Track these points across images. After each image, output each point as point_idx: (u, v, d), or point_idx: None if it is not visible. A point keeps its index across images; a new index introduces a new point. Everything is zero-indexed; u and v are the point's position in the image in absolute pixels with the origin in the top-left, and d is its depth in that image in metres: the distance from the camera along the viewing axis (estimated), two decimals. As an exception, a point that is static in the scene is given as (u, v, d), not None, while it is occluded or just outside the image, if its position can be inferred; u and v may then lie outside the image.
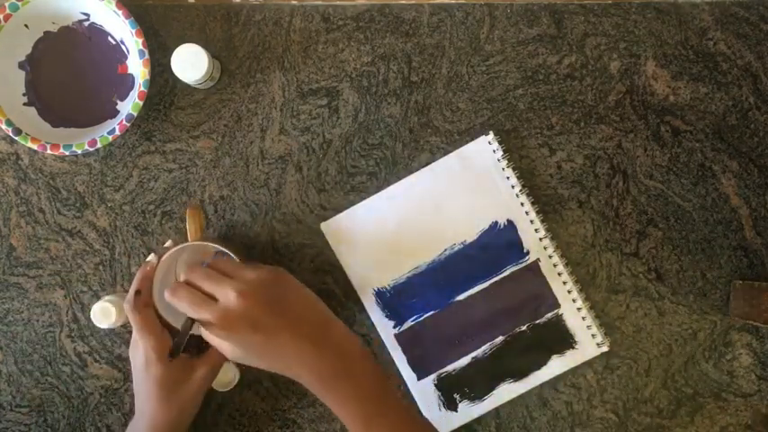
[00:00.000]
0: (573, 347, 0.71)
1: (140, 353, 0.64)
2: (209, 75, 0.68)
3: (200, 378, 0.65)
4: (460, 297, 0.72)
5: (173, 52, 0.67)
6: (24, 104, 0.71)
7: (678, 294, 0.72)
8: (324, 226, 0.72)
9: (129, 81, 0.72)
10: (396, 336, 0.72)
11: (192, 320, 0.62)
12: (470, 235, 0.72)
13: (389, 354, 0.72)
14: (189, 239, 0.64)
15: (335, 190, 0.72)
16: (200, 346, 0.66)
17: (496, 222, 0.71)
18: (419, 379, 0.72)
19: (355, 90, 0.72)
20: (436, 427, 0.72)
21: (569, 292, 0.71)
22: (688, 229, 0.72)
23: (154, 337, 0.63)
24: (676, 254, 0.72)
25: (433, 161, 0.71)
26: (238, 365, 0.71)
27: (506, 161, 0.71)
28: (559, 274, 0.71)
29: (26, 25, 0.69)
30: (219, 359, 0.66)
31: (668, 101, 0.72)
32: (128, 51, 0.71)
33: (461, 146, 0.71)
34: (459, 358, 0.72)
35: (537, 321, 0.72)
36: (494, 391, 0.72)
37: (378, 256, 0.72)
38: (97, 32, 0.71)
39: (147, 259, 0.66)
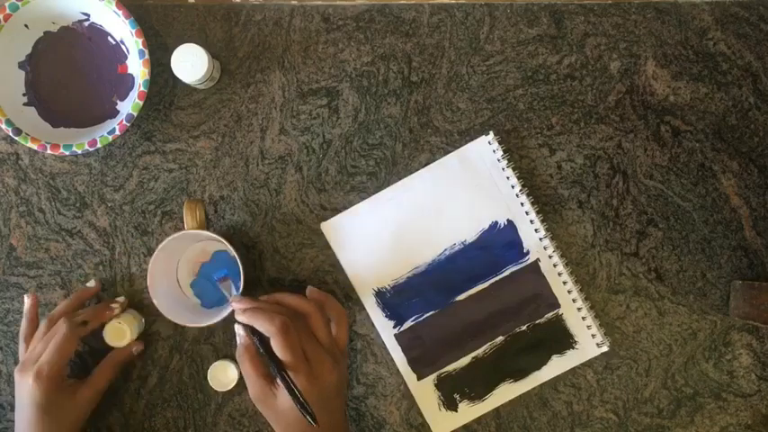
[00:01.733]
0: (573, 347, 0.71)
1: (28, 379, 0.64)
2: (209, 75, 0.68)
3: (85, 401, 0.67)
4: (460, 297, 0.72)
5: (173, 52, 0.67)
6: (24, 104, 0.71)
7: (678, 294, 0.72)
8: (324, 226, 0.72)
9: (129, 81, 0.72)
10: (396, 336, 0.72)
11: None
12: (470, 235, 0.72)
13: (389, 354, 0.72)
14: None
15: (335, 190, 0.72)
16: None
17: (496, 222, 0.71)
18: (419, 379, 0.72)
19: (355, 90, 0.72)
20: (436, 427, 0.72)
21: (569, 292, 0.71)
22: (688, 229, 0.72)
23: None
24: (676, 254, 0.72)
25: (433, 161, 0.71)
26: (238, 366, 0.71)
27: (506, 161, 0.71)
28: (559, 274, 0.71)
29: (26, 25, 0.69)
30: (104, 384, 0.68)
31: (668, 101, 0.72)
32: (128, 51, 0.71)
33: (461, 146, 0.71)
34: (459, 358, 0.72)
35: (537, 321, 0.71)
36: (494, 391, 0.72)
37: (378, 256, 0.72)
38: (97, 32, 0.71)
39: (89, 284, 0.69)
